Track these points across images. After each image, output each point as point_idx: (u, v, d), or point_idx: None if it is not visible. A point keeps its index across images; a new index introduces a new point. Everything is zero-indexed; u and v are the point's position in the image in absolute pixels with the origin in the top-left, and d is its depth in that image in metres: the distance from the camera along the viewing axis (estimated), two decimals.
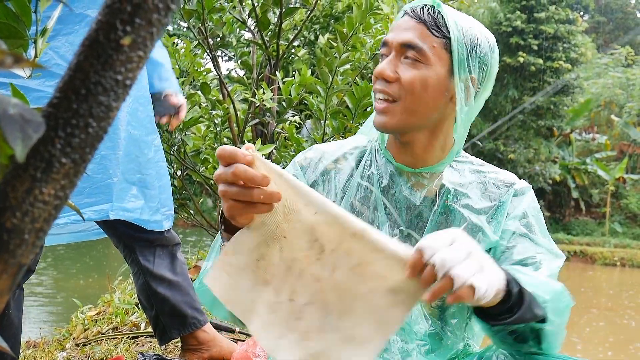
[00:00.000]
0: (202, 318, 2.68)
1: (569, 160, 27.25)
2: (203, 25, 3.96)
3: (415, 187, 1.44)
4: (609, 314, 12.04)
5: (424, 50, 1.33)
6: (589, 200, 27.34)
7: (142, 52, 0.50)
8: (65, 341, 3.29)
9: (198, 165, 4.24)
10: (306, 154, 1.52)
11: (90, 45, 0.49)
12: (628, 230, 25.96)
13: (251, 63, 4.81)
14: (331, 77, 3.49)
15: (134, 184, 2.36)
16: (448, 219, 1.42)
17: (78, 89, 0.49)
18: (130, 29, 0.48)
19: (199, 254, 5.62)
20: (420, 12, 1.35)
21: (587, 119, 29.63)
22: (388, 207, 1.43)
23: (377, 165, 1.46)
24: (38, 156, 0.49)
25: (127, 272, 4.47)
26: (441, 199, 1.43)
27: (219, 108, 4.09)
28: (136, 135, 2.37)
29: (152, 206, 2.44)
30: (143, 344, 3.10)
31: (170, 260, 2.63)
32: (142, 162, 2.40)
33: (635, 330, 10.64)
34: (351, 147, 1.52)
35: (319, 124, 3.75)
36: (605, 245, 23.68)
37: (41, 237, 0.51)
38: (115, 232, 2.58)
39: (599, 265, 21.72)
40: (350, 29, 3.51)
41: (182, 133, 3.89)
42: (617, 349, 9.09)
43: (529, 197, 1.48)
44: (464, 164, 1.50)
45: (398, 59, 1.35)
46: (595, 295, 14.88)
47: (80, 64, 0.49)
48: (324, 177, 1.47)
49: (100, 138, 0.51)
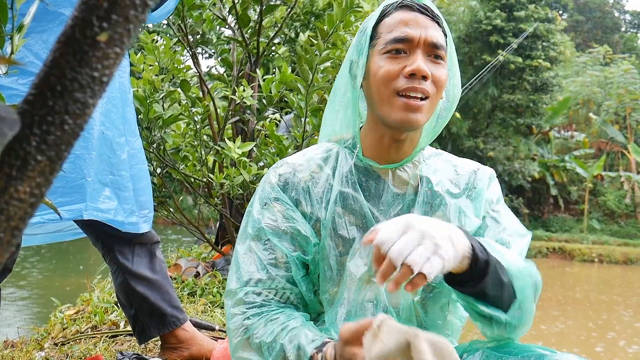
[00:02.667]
0: (181, 316, 2.67)
1: (547, 158, 27.50)
2: (183, 22, 3.95)
3: (398, 184, 1.45)
4: (585, 308, 12.18)
5: (446, 49, 1.39)
6: (567, 198, 27.61)
7: (118, 49, 0.49)
8: (44, 341, 3.26)
9: (178, 163, 4.22)
10: (278, 172, 1.48)
11: (66, 41, 0.48)
12: (606, 227, 26.25)
13: (231, 60, 4.80)
14: (311, 74, 3.49)
15: (106, 185, 2.34)
16: (433, 207, 1.44)
17: (54, 85, 0.48)
18: (107, 26, 0.48)
19: (179, 252, 5.59)
20: (429, 10, 1.38)
21: (565, 117, 29.92)
22: (374, 211, 1.42)
23: (356, 170, 1.45)
24: (13, 154, 0.48)
25: (106, 271, 4.44)
26: (423, 189, 1.44)
27: (199, 105, 4.07)
28: (109, 136, 2.34)
29: (127, 208, 2.42)
30: (122, 343, 3.08)
31: (149, 259, 2.62)
32: (115, 163, 2.37)
33: (608, 322, 10.77)
34: (322, 155, 1.50)
35: (299, 122, 3.74)
36: (583, 242, 23.93)
37: (17, 235, 0.50)
38: (93, 231, 2.56)
39: (577, 262, 21.96)
40: (331, 26, 3.51)
41: (161, 130, 3.86)
42: (594, 340, 9.20)
43: (496, 182, 1.55)
44: (434, 158, 1.53)
45: (424, 56, 1.35)
46: (573, 291, 15.04)
47: (56, 60, 0.48)
48: (304, 192, 1.44)
49: (76, 135, 0.50)
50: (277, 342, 1.25)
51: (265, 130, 4.29)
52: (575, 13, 45.04)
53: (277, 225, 1.39)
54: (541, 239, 23.99)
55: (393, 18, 1.38)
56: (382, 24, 1.40)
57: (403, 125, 1.35)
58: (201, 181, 4.34)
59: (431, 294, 1.42)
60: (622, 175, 26.66)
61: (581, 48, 39.05)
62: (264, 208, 1.43)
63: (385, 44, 1.36)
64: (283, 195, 1.43)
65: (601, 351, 8.79)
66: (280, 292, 1.36)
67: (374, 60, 1.38)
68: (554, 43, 25.16)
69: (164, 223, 19.88)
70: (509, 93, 25.00)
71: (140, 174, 2.55)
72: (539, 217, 27.58)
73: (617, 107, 28.80)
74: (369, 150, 1.46)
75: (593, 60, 32.39)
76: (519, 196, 26.80)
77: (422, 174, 1.46)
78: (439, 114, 1.48)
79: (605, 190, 27.73)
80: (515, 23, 24.71)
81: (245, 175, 3.68)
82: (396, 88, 1.34)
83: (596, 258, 22.16)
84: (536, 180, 26.77)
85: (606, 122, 28.55)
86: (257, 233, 1.40)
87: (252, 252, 1.39)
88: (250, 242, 1.41)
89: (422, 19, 1.36)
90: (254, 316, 1.32)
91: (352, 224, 1.41)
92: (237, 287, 1.37)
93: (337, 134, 1.51)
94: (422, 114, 1.34)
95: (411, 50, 1.34)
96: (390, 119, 1.36)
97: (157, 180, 4.35)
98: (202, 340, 2.73)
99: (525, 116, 25.55)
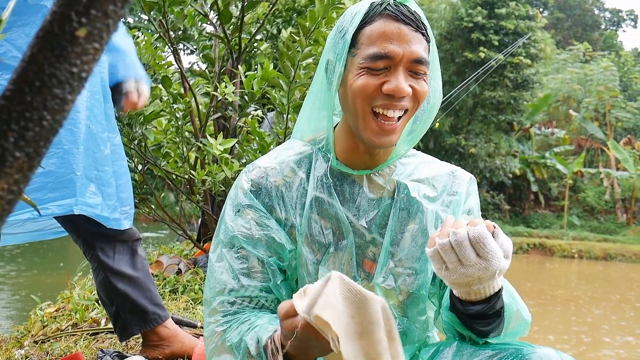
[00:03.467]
0: (163, 314, 2.66)
1: (528, 155, 27.71)
2: (164, 17, 3.92)
3: (373, 189, 1.43)
4: (565, 303, 12.29)
5: (428, 63, 1.32)
6: (547, 194, 27.86)
7: (97, 44, 0.49)
8: (24, 338, 3.23)
9: (159, 160, 4.20)
10: (250, 176, 1.42)
11: (44, 36, 0.48)
12: (585, 223, 26.53)
13: (213, 57, 4.78)
14: (294, 71, 3.48)
15: (91, 180, 2.32)
16: (410, 213, 1.42)
17: (32, 81, 0.48)
18: (86, 21, 0.48)
19: (160, 249, 5.57)
20: (414, 19, 1.30)
21: (546, 114, 30.16)
22: (349, 216, 1.40)
23: (331, 174, 1.41)
24: None
25: (87, 268, 4.41)
26: (399, 195, 1.42)
27: (181, 102, 4.05)
28: (94, 131, 2.33)
29: (110, 204, 2.41)
30: (103, 341, 3.06)
31: (130, 256, 2.60)
32: (99, 159, 2.36)
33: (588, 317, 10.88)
34: (294, 158, 1.44)
35: (281, 118, 3.74)
36: (563, 238, 24.18)
37: None
38: (74, 228, 2.54)
39: (557, 258, 22.17)
40: (313, 23, 3.51)
41: (142, 127, 3.84)
42: (574, 335, 9.28)
43: (476, 189, 1.53)
44: (410, 158, 1.50)
45: (405, 72, 1.29)
46: (553, 287, 15.17)
47: (34, 56, 0.48)
48: (278, 197, 1.40)
49: (55, 131, 0.50)
50: (243, 341, 1.24)
51: (247, 127, 4.28)
52: (555, 10, 45.36)
53: (251, 233, 1.36)
54: (522, 235, 24.19)
55: (375, 28, 1.30)
56: (363, 33, 1.31)
57: (375, 146, 1.33)
58: (183, 178, 4.32)
59: (409, 300, 1.42)
60: (602, 171, 26.94)
61: (561, 45, 39.37)
62: (237, 215, 1.38)
63: (365, 58, 1.29)
64: (256, 201, 1.39)
65: (581, 345, 8.88)
66: (255, 300, 1.33)
67: (352, 70, 1.32)
68: (535, 40, 25.33)
69: (145, 220, 19.78)
70: (490, 90, 25.13)
71: (121, 170, 2.54)
72: (519, 213, 27.79)
73: (597, 104, 29.08)
74: (343, 154, 1.42)
75: (573, 58, 32.66)
76: (500, 192, 27.00)
77: (399, 178, 1.44)
78: (418, 117, 1.43)
79: (585, 186, 28.00)
80: (496, 20, 24.84)
81: (227, 172, 3.67)
82: (373, 105, 1.30)
83: (576, 254, 22.39)
84: (517, 176, 26.97)
85: (586, 119, 28.82)
86: (230, 240, 1.37)
87: (225, 260, 1.36)
88: (222, 249, 1.38)
89: (406, 32, 1.28)
90: (227, 323, 1.30)
91: (327, 229, 1.39)
92: (211, 297, 1.35)
93: (311, 132, 1.47)
94: (396, 134, 1.32)
95: (392, 67, 1.28)
96: (363, 137, 1.32)
97: (138, 177, 4.32)
98: (183, 337, 2.72)
99: (506, 113, 25.71)
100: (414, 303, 1.42)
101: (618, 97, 29.47)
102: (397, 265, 1.39)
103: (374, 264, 1.40)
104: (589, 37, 44.04)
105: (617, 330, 10.14)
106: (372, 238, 1.41)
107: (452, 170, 1.51)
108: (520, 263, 20.40)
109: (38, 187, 2.14)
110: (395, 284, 1.39)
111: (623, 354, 8.60)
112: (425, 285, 1.42)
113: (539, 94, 27.38)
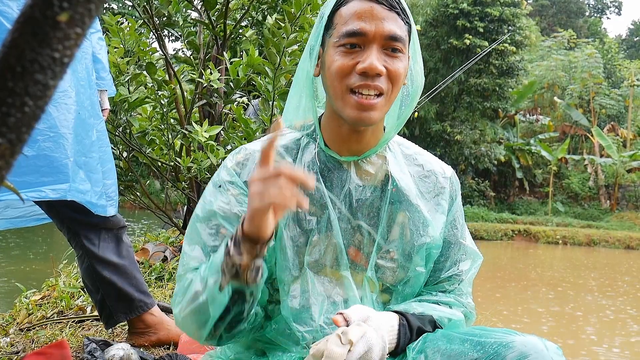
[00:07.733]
0: (149, 301, 2.66)
1: (513, 141, 27.86)
2: (148, 3, 3.90)
3: (362, 176, 1.42)
4: (549, 289, 12.40)
5: (405, 41, 1.32)
6: (532, 180, 28.05)
7: (80, 29, 0.48)
8: (9, 326, 3.22)
9: (144, 147, 4.18)
10: (236, 157, 1.43)
11: (25, 21, 0.47)
12: (570, 210, 26.75)
13: (198, 43, 4.75)
14: (279, 57, 3.47)
15: (80, 166, 2.32)
16: (399, 208, 1.42)
17: (13, 66, 0.47)
18: (68, 5, 0.47)
19: (146, 237, 5.55)
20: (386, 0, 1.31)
21: (530, 101, 30.31)
22: (336, 202, 1.39)
23: (318, 160, 1.41)
24: None
25: (72, 256, 4.40)
26: (389, 189, 1.42)
27: (165, 89, 4.03)
28: (83, 117, 2.32)
29: (97, 190, 2.40)
30: (89, 328, 3.06)
31: (115, 244, 2.60)
32: (87, 145, 2.35)
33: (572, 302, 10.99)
34: (282, 143, 1.44)
35: (267, 105, 3.73)
36: (548, 224, 24.38)
37: None
38: (57, 214, 2.53)
39: (542, 244, 22.35)
40: (298, 9, 3.50)
41: (127, 114, 3.82)
42: (558, 321, 9.39)
43: (458, 184, 1.55)
44: (397, 147, 1.50)
45: (380, 50, 1.29)
46: (537, 273, 15.31)
47: (15, 40, 0.47)
48: None
49: (37, 117, 0.49)
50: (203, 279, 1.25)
51: (232, 114, 4.27)
52: None
53: (230, 208, 1.35)
54: (507, 221, 24.36)
55: (348, 8, 1.32)
56: (338, 14, 1.33)
57: (356, 123, 1.32)
58: (168, 165, 4.31)
59: (390, 292, 1.42)
60: (586, 158, 27.15)
61: (546, 32, 39.50)
62: (218, 190, 1.38)
63: (339, 37, 1.31)
64: (238, 179, 1.39)
65: (565, 332, 8.98)
66: None
67: (329, 52, 1.33)
68: (520, 27, 25.40)
69: (130, 207, 19.71)
70: (476, 77, 25.20)
71: (106, 156, 2.53)
72: (504, 199, 27.97)
73: (581, 91, 29.27)
74: (330, 140, 1.42)
75: (558, 45, 32.81)
76: (485, 179, 27.15)
77: (389, 169, 1.44)
78: (402, 101, 1.44)
79: (569, 173, 28.21)
80: (481, 7, 24.88)
81: (213, 159, 3.66)
82: (349, 85, 1.30)
83: (560, 240, 22.59)
84: (502, 163, 27.13)
85: (570, 105, 28.99)
86: (206, 215, 1.37)
87: (198, 235, 1.36)
88: (197, 224, 1.37)
89: (379, 10, 1.29)
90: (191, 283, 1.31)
91: (312, 214, 1.38)
92: (182, 273, 1.35)
93: (299, 119, 1.47)
94: (375, 111, 1.31)
95: (366, 44, 1.29)
96: (344, 115, 1.33)
97: (123, 164, 4.30)
98: (169, 324, 2.72)
99: (491, 100, 25.81)
100: (396, 295, 1.43)
101: (602, 84, 29.66)
102: (383, 257, 1.40)
103: (358, 253, 1.40)
104: (574, 24, 44.20)
105: (597, 310, 10.27)
106: (358, 225, 1.40)
107: (441, 168, 1.52)
108: (505, 249, 20.54)
109: (32, 171, 2.13)
110: (377, 274, 1.40)
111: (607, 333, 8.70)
112: (409, 280, 1.43)
113: (524, 81, 27.51)
